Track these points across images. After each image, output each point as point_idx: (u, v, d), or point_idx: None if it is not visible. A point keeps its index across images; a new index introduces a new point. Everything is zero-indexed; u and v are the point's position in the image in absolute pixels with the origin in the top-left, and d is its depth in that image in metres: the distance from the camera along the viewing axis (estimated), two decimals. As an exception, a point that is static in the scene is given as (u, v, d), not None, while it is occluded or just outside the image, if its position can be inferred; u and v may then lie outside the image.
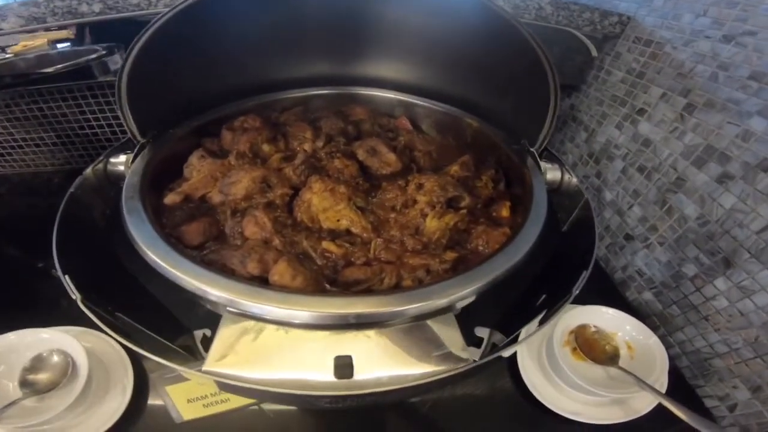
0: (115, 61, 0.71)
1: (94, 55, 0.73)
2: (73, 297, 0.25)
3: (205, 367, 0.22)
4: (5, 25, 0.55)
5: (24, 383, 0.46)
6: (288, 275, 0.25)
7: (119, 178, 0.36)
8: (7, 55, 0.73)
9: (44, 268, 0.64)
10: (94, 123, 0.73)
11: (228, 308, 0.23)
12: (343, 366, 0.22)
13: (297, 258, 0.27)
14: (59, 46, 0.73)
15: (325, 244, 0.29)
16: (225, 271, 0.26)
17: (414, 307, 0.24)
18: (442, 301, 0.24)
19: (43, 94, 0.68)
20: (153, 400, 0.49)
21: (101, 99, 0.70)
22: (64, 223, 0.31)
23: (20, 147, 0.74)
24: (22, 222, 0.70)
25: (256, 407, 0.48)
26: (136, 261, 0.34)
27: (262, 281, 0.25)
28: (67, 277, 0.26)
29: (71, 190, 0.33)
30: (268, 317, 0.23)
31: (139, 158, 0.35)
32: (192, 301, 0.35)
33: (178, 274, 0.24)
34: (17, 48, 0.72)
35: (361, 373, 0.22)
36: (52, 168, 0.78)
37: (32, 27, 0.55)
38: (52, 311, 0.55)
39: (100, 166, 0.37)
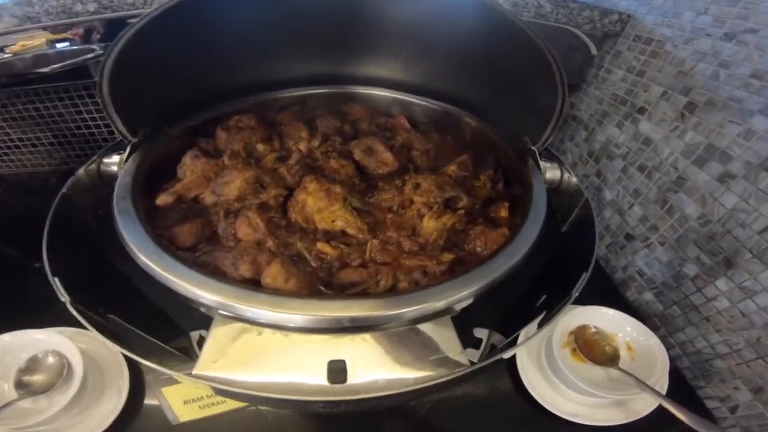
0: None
1: (91, 55, 0.72)
2: (62, 299, 0.25)
3: (195, 371, 0.21)
4: None
5: (19, 384, 0.46)
6: (281, 278, 0.24)
7: (112, 178, 0.35)
8: (6, 55, 0.73)
9: (41, 268, 0.63)
10: (90, 123, 0.72)
11: (219, 311, 0.23)
12: (337, 371, 0.22)
13: (291, 260, 0.26)
14: (58, 45, 0.73)
15: (320, 246, 0.28)
16: (217, 273, 0.25)
17: (410, 311, 0.23)
18: (438, 304, 0.24)
19: (40, 93, 0.68)
20: (149, 402, 0.48)
21: (98, 99, 0.69)
22: (56, 224, 0.30)
23: (17, 147, 0.74)
24: (19, 222, 0.70)
25: (253, 408, 0.48)
26: (129, 262, 0.34)
27: (254, 284, 0.25)
28: (56, 279, 0.25)
29: (63, 190, 0.33)
30: (260, 321, 0.22)
31: (132, 158, 0.35)
32: (186, 302, 0.34)
33: (168, 276, 0.23)
34: (15, 48, 0.72)
35: (355, 377, 0.22)
36: (49, 168, 0.77)
37: (26, 26, 0.55)
38: (48, 312, 0.54)
39: (93, 166, 0.36)
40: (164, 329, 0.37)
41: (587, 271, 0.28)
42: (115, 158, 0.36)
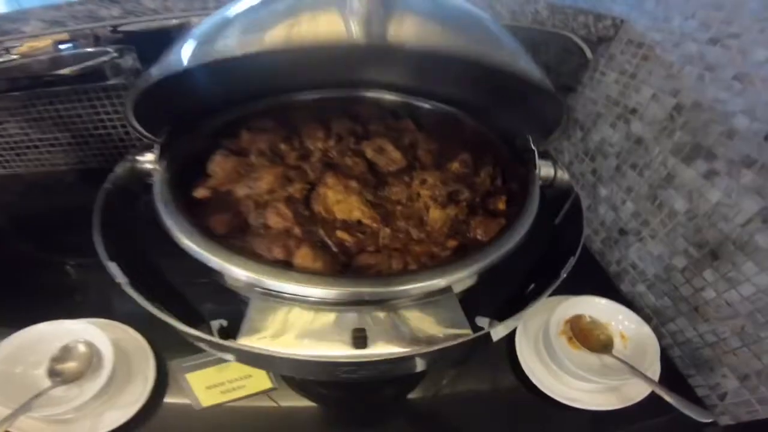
0: (127, 63, 0.74)
1: (106, 57, 0.76)
2: (120, 281, 0.29)
3: (240, 341, 0.26)
4: (27, 28, 0.59)
5: (52, 372, 0.50)
6: (309, 258, 0.29)
7: (146, 174, 0.40)
8: (13, 56, 0.77)
9: (59, 263, 0.67)
10: (108, 123, 0.77)
11: (257, 288, 0.27)
12: (359, 338, 0.26)
13: (315, 244, 0.31)
14: (61, 46, 0.77)
15: (340, 234, 0.33)
16: (253, 256, 0.30)
17: (418, 287, 0.28)
18: (442, 281, 0.28)
19: (59, 95, 0.72)
20: (173, 388, 0.52)
21: (115, 100, 0.74)
22: (102, 216, 0.35)
23: (35, 147, 0.78)
24: (36, 220, 0.74)
25: (268, 393, 0.52)
26: (160, 251, 0.38)
27: (286, 264, 0.29)
28: (113, 263, 0.30)
29: (106, 185, 0.37)
30: (293, 295, 0.27)
31: (164, 157, 0.39)
32: (208, 293, 0.39)
33: (216, 259, 0.28)
34: (23, 49, 0.76)
35: (374, 343, 0.26)
36: (65, 167, 0.82)
37: (53, 30, 0.59)
38: (67, 306, 0.59)
39: (128, 163, 0.40)
40: (188, 318, 0.41)
41: (574, 255, 0.33)
42: (149, 156, 0.40)
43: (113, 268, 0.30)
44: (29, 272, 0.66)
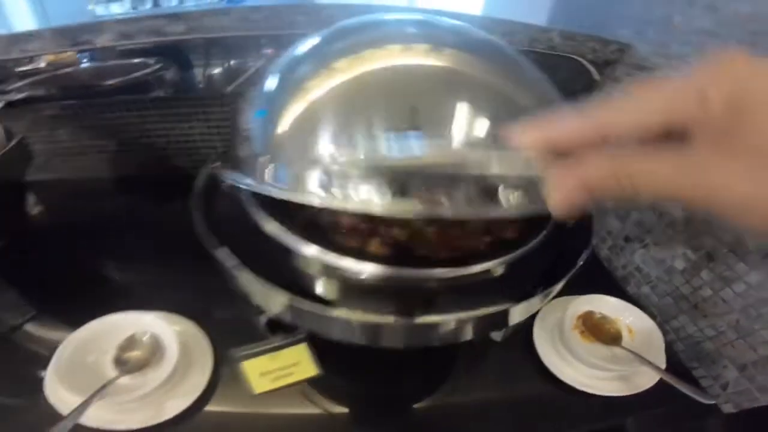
0: (169, 75, 0.85)
1: (149, 69, 0.86)
2: (229, 265, 0.39)
3: (332, 313, 0.36)
4: (100, 40, 0.67)
5: (118, 361, 0.55)
6: (380, 248, 0.39)
7: (221, 179, 0.50)
8: (42, 65, 0.87)
9: (102, 264, 0.76)
10: (152, 133, 0.86)
11: (339, 271, 0.38)
12: (416, 310, 0.37)
13: (381, 237, 0.41)
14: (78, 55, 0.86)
15: (395, 231, 0.43)
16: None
17: (463, 270, 0.38)
18: (481, 267, 0.39)
19: (111, 104, 0.82)
20: (227, 377, 0.59)
21: (162, 111, 0.84)
22: (198, 214, 0.45)
23: (82, 154, 0.87)
24: (80, 224, 0.83)
25: (313, 380, 0.60)
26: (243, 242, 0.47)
27: (360, 251, 0.40)
28: (223, 249, 0.39)
29: (196, 190, 0.48)
30: (366, 276, 0.37)
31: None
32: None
33: (312, 251, 0.38)
34: (50, 57, 0.85)
35: (430, 313, 0.37)
36: (108, 174, 0.91)
37: (122, 43, 0.67)
38: (119, 301, 0.66)
39: (207, 170, 0.51)
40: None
41: (587, 249, 0.43)
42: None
43: (223, 252, 0.39)
44: (86, 270, 0.74)
